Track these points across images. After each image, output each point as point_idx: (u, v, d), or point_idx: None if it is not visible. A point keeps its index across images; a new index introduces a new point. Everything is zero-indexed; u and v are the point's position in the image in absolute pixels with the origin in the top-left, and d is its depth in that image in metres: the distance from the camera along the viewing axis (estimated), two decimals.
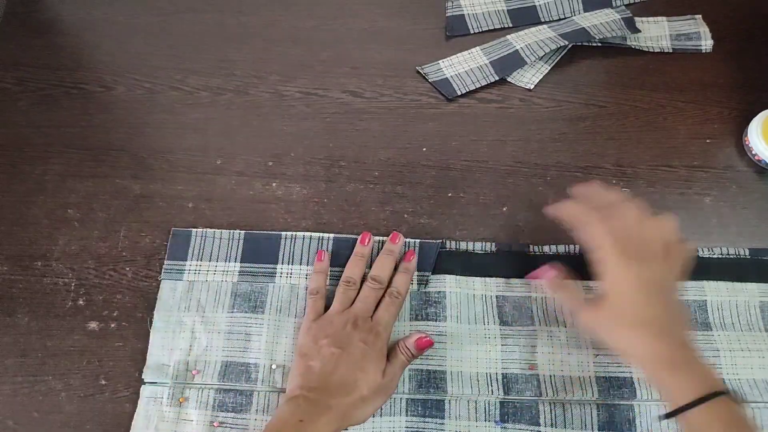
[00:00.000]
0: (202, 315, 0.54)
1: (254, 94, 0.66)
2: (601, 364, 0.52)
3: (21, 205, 0.60)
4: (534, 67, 0.67)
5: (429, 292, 0.55)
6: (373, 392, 0.47)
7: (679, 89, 0.66)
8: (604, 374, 0.51)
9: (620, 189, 0.61)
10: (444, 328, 0.53)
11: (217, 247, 0.57)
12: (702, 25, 0.69)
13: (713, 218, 0.59)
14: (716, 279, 0.55)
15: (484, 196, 0.61)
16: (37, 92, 0.66)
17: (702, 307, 0.54)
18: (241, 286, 0.55)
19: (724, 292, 0.55)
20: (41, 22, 0.70)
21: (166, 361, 0.52)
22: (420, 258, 0.56)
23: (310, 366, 0.48)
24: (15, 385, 0.53)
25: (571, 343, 0.53)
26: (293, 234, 0.57)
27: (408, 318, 0.54)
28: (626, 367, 0.51)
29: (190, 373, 0.52)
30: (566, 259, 0.56)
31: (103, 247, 0.58)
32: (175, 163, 0.62)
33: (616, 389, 0.51)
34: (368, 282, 0.53)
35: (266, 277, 0.55)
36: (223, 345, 0.53)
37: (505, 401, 0.51)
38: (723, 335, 0.53)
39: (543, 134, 0.64)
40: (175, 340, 0.53)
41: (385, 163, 0.62)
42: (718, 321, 0.54)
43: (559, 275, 0.51)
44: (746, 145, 0.61)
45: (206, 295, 0.55)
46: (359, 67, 0.67)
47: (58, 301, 0.56)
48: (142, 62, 0.68)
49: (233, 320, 0.54)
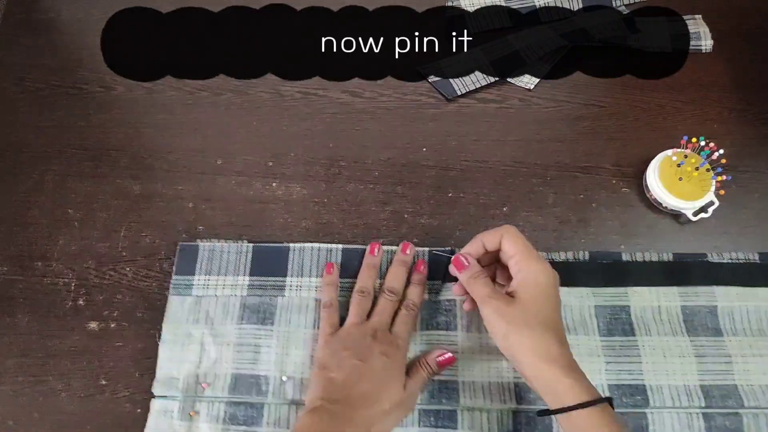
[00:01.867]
0: (211, 327, 0.53)
1: (254, 94, 0.66)
2: (613, 372, 0.51)
3: (21, 206, 0.60)
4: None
5: (440, 301, 0.54)
6: (394, 406, 0.47)
7: (679, 89, 0.66)
8: (616, 382, 0.51)
9: (620, 189, 0.61)
10: (455, 337, 0.53)
11: (225, 261, 0.56)
12: (702, 25, 0.69)
13: (713, 218, 0.59)
14: (726, 284, 0.55)
15: (484, 196, 0.61)
16: (37, 92, 0.66)
17: (713, 313, 0.54)
18: (250, 300, 0.54)
19: (735, 298, 0.54)
20: (41, 22, 0.70)
21: (176, 374, 0.52)
22: (430, 267, 0.55)
23: (332, 378, 0.47)
24: (15, 386, 0.53)
25: (583, 351, 0.52)
26: (302, 246, 0.57)
27: (419, 327, 0.53)
28: (639, 374, 0.51)
29: (200, 386, 0.51)
30: (574, 265, 0.56)
31: (103, 247, 0.58)
32: (175, 163, 0.62)
33: (629, 396, 0.50)
34: (384, 294, 0.53)
35: (275, 290, 0.55)
36: (232, 357, 0.52)
37: (518, 411, 0.51)
38: (735, 341, 0.53)
39: (543, 134, 0.64)
40: (184, 353, 0.52)
41: (385, 163, 0.62)
42: (729, 327, 0.53)
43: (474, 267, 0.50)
44: (644, 185, 0.60)
45: (215, 308, 0.54)
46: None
47: (58, 301, 0.56)
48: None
49: (242, 332, 0.53)
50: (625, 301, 0.54)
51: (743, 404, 0.50)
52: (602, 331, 0.53)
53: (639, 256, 0.56)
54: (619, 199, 0.60)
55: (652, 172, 0.58)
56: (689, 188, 0.57)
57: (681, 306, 0.54)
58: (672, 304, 0.54)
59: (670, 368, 0.52)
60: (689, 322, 0.54)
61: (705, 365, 0.52)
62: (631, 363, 0.52)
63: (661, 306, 0.54)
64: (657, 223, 0.59)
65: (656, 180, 0.57)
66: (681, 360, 0.52)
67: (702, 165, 0.56)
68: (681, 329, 0.53)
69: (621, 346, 0.52)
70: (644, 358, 0.52)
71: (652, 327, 0.53)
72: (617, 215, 0.60)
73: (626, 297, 0.55)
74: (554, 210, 0.60)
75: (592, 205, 0.60)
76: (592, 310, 0.54)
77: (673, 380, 0.51)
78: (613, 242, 0.58)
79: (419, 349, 0.52)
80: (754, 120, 0.64)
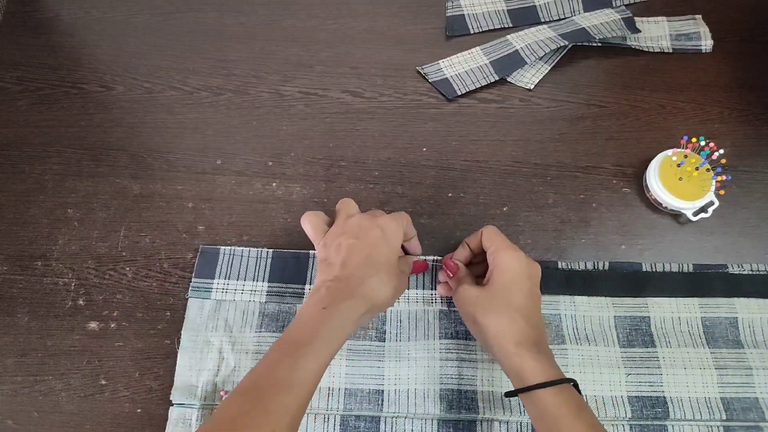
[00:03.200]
0: (230, 335, 0.53)
1: (254, 94, 0.66)
2: (633, 383, 0.51)
3: (20, 205, 0.60)
4: (534, 67, 0.67)
5: (458, 311, 0.54)
6: (389, 270, 0.47)
7: (679, 89, 0.66)
8: (636, 394, 0.51)
9: (621, 189, 0.61)
10: (475, 347, 0.53)
11: (245, 267, 0.56)
12: (702, 25, 0.69)
13: (713, 218, 0.59)
14: (747, 296, 0.55)
15: (484, 196, 0.61)
16: (37, 92, 0.66)
17: (733, 325, 0.54)
18: (269, 307, 0.54)
19: (756, 310, 0.54)
20: (41, 22, 0.70)
21: (194, 382, 0.52)
22: None
23: (331, 263, 0.47)
24: (15, 385, 0.53)
25: (603, 362, 0.52)
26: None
27: (437, 336, 0.53)
28: (659, 386, 0.51)
29: (219, 394, 0.51)
30: (593, 275, 0.56)
31: (103, 247, 0.58)
32: (175, 163, 0.62)
33: (650, 409, 0.50)
34: None
35: (294, 298, 0.55)
36: (251, 365, 0.51)
37: None
38: (756, 353, 0.52)
39: (543, 134, 0.64)
40: (202, 361, 0.52)
41: (385, 163, 0.62)
42: (749, 339, 0.53)
43: (461, 269, 0.52)
44: (644, 186, 0.60)
45: (234, 314, 0.54)
46: (359, 67, 0.67)
47: (58, 301, 0.56)
48: (142, 62, 0.68)
49: (261, 340, 0.53)
50: (644, 311, 0.54)
51: (765, 417, 0.50)
52: (622, 342, 0.53)
53: (659, 267, 0.56)
54: (620, 199, 0.60)
55: (653, 173, 0.58)
56: (689, 188, 0.57)
57: (701, 317, 0.54)
58: (692, 316, 0.54)
59: (691, 380, 0.51)
60: (709, 333, 0.53)
61: (725, 377, 0.51)
62: (652, 375, 0.51)
63: (681, 317, 0.54)
64: (657, 223, 0.59)
65: (656, 180, 0.57)
66: (701, 372, 0.52)
67: (702, 165, 0.56)
68: (701, 341, 0.53)
69: (641, 358, 0.52)
70: (664, 369, 0.52)
71: (672, 338, 0.53)
72: (617, 215, 0.60)
73: (646, 308, 0.54)
74: (554, 210, 0.60)
75: (593, 205, 0.60)
76: (612, 320, 0.54)
77: (693, 392, 0.51)
78: (613, 242, 0.58)
79: (438, 357, 0.52)
80: (754, 120, 0.64)
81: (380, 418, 0.51)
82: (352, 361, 0.52)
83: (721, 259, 0.57)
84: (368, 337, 0.53)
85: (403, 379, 0.52)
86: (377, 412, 0.51)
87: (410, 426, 0.50)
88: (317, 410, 0.51)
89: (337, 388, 0.51)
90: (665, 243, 0.58)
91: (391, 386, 0.51)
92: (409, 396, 0.51)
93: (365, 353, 0.53)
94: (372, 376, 0.52)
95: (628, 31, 0.66)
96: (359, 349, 0.53)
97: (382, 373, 0.52)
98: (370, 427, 0.50)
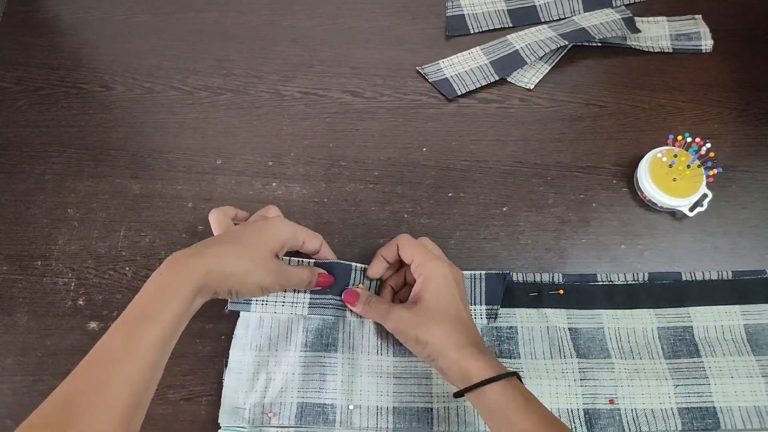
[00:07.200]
0: (275, 354, 0.52)
1: (254, 94, 0.66)
2: (682, 395, 0.51)
3: (20, 205, 0.60)
4: (534, 67, 0.67)
5: (500, 328, 0.53)
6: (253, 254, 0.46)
7: (679, 89, 0.66)
8: (686, 405, 0.50)
9: (621, 189, 0.61)
10: (519, 364, 0.52)
11: None
12: (702, 25, 0.69)
13: (713, 218, 0.59)
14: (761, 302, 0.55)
15: (484, 196, 0.61)
16: (37, 92, 0.66)
17: (751, 331, 0.53)
18: (312, 321, 0.53)
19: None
20: (41, 22, 0.70)
21: (241, 404, 0.51)
22: (487, 291, 0.54)
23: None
24: (14, 384, 0.53)
25: (651, 375, 0.51)
26: (363, 266, 0.54)
27: None
28: (708, 396, 0.50)
29: (266, 416, 0.50)
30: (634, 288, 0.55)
31: (103, 247, 0.58)
32: (175, 163, 0.62)
33: (700, 420, 0.50)
34: None
35: (337, 310, 0.53)
36: (298, 386, 0.51)
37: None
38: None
39: (543, 134, 0.64)
40: (250, 383, 0.51)
41: (385, 163, 0.62)
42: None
43: (362, 294, 0.52)
44: (636, 187, 0.60)
45: (278, 331, 0.53)
46: (359, 67, 0.67)
47: (58, 300, 0.56)
48: (142, 62, 0.68)
49: (307, 360, 0.52)
50: (687, 321, 0.54)
51: None
52: (667, 354, 0.53)
53: (699, 275, 0.56)
54: (620, 199, 0.60)
55: (644, 174, 0.58)
56: (683, 185, 0.57)
57: (744, 324, 0.54)
58: (735, 323, 0.54)
59: (739, 389, 0.51)
60: (753, 341, 0.53)
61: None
62: (700, 385, 0.51)
63: (723, 325, 0.54)
64: (657, 222, 0.59)
65: (648, 181, 0.57)
66: (749, 380, 0.51)
67: (692, 162, 0.56)
68: (746, 348, 0.53)
69: (687, 368, 0.52)
70: (712, 379, 0.51)
71: (717, 347, 0.53)
72: (617, 215, 0.60)
73: (688, 317, 0.54)
74: (554, 210, 0.60)
75: (593, 205, 0.60)
76: (655, 332, 0.54)
77: (743, 401, 0.50)
78: (613, 242, 0.58)
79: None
80: (754, 120, 0.64)
81: None
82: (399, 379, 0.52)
83: (721, 259, 0.57)
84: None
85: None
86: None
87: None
88: (366, 429, 0.50)
89: (385, 407, 0.51)
90: (665, 243, 0.58)
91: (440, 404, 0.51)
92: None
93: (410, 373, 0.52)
94: (420, 394, 0.51)
95: (628, 31, 0.67)
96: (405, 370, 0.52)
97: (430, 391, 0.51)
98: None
